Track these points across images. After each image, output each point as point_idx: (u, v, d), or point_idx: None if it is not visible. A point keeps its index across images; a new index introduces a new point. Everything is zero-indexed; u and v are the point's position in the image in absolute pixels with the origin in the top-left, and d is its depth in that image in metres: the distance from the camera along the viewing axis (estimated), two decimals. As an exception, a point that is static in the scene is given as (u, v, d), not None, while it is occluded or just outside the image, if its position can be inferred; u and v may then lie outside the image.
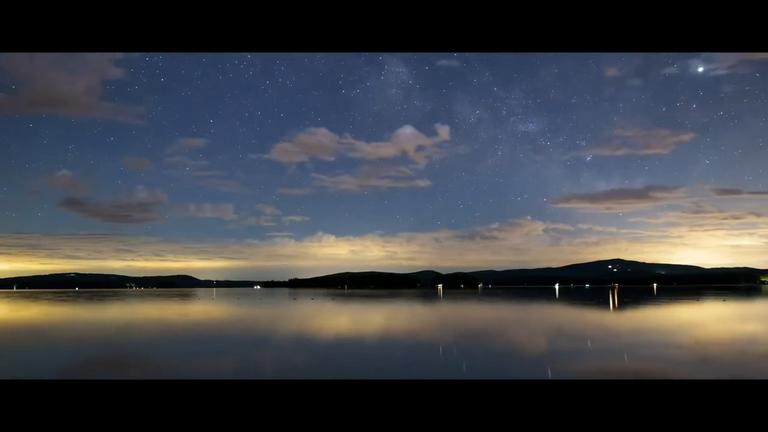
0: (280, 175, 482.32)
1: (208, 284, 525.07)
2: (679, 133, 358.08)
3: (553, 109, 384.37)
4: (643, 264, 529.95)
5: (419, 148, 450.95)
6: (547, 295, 69.70)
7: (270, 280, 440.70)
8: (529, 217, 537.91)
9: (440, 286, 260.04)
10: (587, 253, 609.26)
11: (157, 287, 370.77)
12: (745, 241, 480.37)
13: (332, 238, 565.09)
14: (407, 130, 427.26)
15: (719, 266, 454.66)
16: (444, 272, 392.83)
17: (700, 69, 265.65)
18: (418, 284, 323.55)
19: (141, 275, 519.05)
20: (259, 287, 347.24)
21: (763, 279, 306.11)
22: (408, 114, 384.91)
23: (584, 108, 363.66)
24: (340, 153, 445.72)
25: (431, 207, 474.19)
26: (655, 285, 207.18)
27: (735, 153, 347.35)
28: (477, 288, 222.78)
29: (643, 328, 19.20)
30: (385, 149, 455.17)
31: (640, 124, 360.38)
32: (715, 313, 29.38)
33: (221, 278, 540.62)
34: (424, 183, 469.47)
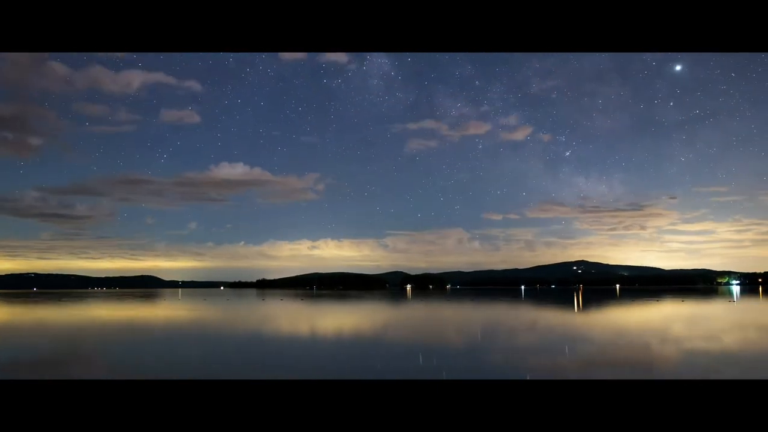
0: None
1: (173, 285, 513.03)
2: (656, 130, 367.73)
3: (533, 104, 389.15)
4: (607, 265, 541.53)
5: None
6: (513, 295, 70.72)
7: (237, 280, 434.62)
8: (500, 218, 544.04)
9: (409, 286, 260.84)
10: (553, 255, 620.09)
11: (120, 288, 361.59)
12: (704, 243, 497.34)
13: (302, 237, 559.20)
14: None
15: (678, 268, 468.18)
16: (413, 273, 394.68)
17: (678, 68, 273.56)
18: (387, 285, 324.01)
19: (104, 276, 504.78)
20: (223, 288, 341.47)
21: (719, 280, 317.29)
22: (389, 105, 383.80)
23: (564, 103, 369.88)
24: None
25: (410, 198, 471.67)
26: (618, 286, 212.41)
27: (710, 151, 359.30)
28: (445, 289, 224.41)
29: (607, 328, 19.76)
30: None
31: (618, 120, 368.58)
32: (677, 312, 30.58)
33: (186, 278, 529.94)
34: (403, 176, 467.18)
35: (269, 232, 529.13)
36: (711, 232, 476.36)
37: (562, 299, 51.60)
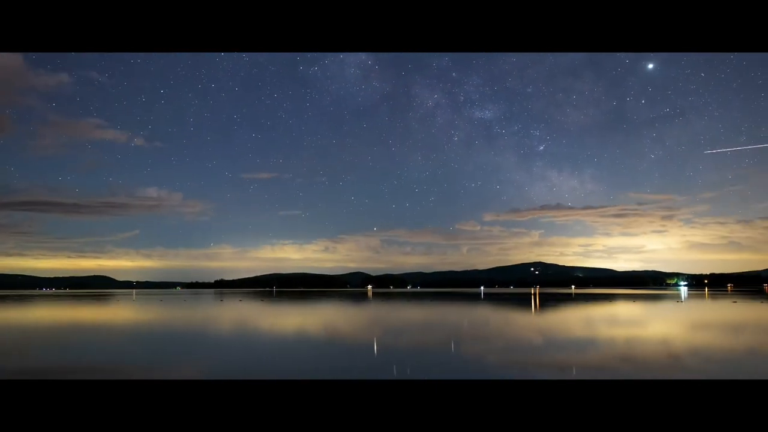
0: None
1: (126, 285, 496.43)
2: (627, 127, 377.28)
3: (509, 98, 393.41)
4: (563, 267, 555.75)
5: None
6: (472, 297, 71.68)
7: (194, 281, 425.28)
8: (462, 221, 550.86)
9: (370, 287, 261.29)
10: (511, 256, 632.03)
11: (70, 288, 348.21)
12: (656, 243, 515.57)
13: (262, 237, 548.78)
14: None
15: (630, 269, 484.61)
16: (374, 273, 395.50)
17: (650, 66, 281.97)
18: (348, 285, 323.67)
19: (53, 276, 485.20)
20: (179, 288, 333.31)
21: (668, 281, 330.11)
22: (366, 95, 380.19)
23: (539, 98, 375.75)
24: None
25: (385, 189, 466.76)
26: (573, 287, 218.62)
27: (679, 149, 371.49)
28: (405, 289, 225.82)
29: (557, 329, 20.24)
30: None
31: (591, 116, 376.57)
32: (627, 312, 31.72)
33: (141, 279, 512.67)
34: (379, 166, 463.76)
35: (231, 227, 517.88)
36: (663, 232, 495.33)
37: (519, 300, 52.66)
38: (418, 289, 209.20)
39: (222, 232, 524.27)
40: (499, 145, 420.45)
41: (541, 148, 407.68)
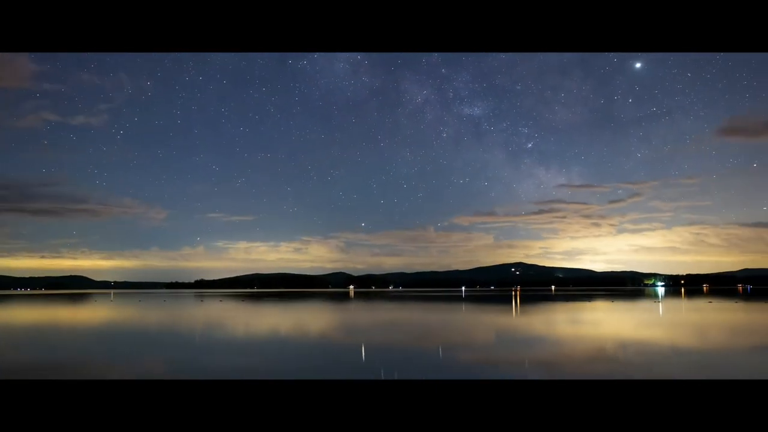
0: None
1: (104, 286, 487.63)
2: (614, 126, 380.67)
3: (498, 95, 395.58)
4: (543, 267, 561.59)
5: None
6: (455, 297, 72.04)
7: (174, 281, 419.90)
8: (450, 217, 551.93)
9: (352, 287, 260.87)
10: (494, 256, 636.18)
11: (46, 289, 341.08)
12: (637, 244, 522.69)
13: (245, 233, 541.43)
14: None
15: (609, 270, 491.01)
16: (356, 273, 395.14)
17: (638, 65, 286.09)
18: (330, 285, 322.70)
19: (28, 276, 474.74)
20: (159, 289, 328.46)
21: (646, 282, 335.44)
22: (355, 89, 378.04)
23: (528, 95, 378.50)
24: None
25: (374, 185, 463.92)
26: (553, 287, 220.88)
27: (665, 148, 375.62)
28: (388, 289, 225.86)
29: (536, 329, 20.45)
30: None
31: (579, 114, 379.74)
32: (606, 312, 32.21)
33: (119, 279, 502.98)
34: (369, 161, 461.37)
35: (213, 225, 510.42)
36: (642, 232, 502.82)
37: (500, 301, 53.02)
38: (400, 289, 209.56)
39: (203, 230, 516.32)
40: (487, 142, 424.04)
41: (530, 145, 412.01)
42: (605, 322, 24.00)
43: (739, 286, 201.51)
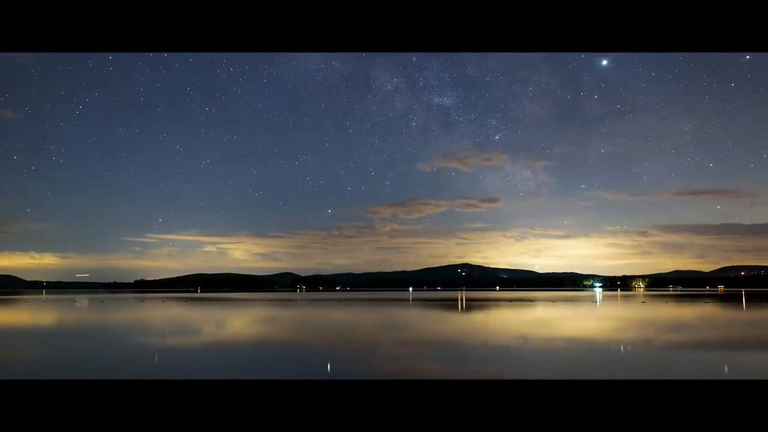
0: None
1: (36, 286, 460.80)
2: (580, 121, 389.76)
3: (467, 85, 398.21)
4: (488, 268, 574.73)
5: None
6: (401, 298, 72.48)
7: (112, 281, 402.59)
8: (396, 222, 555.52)
9: (299, 288, 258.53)
10: (439, 257, 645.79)
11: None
12: (578, 247, 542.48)
13: (185, 233, 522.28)
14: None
15: (551, 271, 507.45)
16: (304, 274, 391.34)
17: (604, 62, 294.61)
18: (276, 286, 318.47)
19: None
20: (96, 289, 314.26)
21: (585, 283, 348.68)
22: (325, 74, 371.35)
23: (497, 87, 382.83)
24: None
25: (341, 171, 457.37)
26: (498, 288, 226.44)
27: (628, 145, 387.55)
28: (335, 289, 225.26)
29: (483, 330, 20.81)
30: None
31: (546, 108, 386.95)
32: (550, 313, 33.16)
33: (52, 279, 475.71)
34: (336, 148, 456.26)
35: (169, 212, 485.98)
36: (581, 235, 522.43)
37: (445, 302, 53.69)
38: (348, 290, 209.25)
39: (154, 218, 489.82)
40: (455, 132, 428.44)
41: (497, 137, 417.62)
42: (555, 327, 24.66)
43: (671, 287, 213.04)
